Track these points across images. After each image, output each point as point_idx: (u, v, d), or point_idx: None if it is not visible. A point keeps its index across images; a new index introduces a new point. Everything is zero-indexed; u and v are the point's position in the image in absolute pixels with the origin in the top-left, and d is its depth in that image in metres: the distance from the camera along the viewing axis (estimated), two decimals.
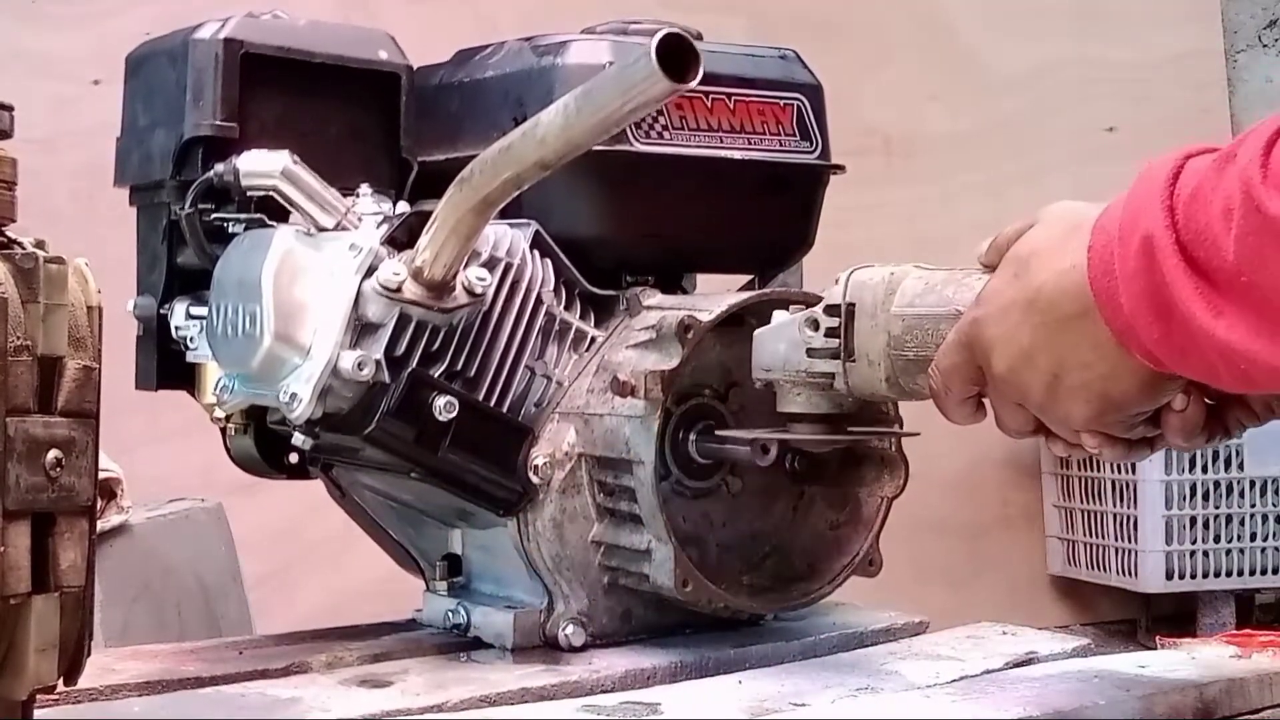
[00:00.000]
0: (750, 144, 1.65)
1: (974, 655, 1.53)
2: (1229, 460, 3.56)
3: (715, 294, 1.61)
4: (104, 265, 1.17)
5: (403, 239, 1.46)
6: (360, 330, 1.43)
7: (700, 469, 1.55)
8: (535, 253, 1.55)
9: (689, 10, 2.20)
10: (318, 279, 1.44)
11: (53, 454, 1.06)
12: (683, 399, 1.53)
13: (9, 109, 1.11)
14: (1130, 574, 3.59)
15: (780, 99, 1.67)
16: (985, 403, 1.23)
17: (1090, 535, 3.69)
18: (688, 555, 1.49)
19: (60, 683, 1.12)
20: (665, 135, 1.59)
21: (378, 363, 1.42)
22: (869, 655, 1.56)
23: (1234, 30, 4.13)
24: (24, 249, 1.08)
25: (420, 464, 1.47)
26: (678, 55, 1.17)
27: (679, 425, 1.53)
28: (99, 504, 1.24)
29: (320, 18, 1.69)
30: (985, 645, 1.57)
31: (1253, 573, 3.60)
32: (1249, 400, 1.16)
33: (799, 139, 1.68)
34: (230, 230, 1.52)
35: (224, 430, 1.63)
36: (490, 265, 1.50)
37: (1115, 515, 3.60)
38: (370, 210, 1.50)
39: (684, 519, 1.54)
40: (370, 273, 1.43)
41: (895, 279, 1.31)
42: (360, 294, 1.43)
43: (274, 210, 1.50)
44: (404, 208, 1.54)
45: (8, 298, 1.04)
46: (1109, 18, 3.95)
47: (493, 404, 1.50)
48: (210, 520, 2.68)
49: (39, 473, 1.05)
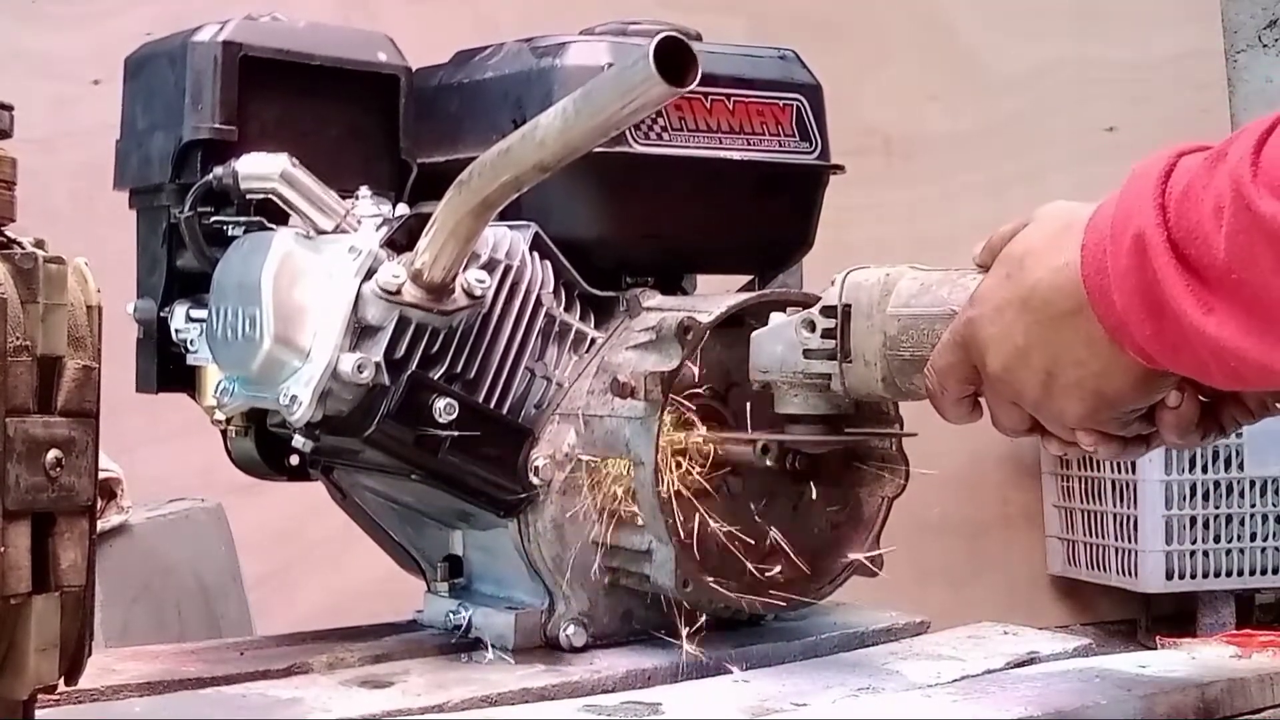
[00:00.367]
0: (749, 144, 1.65)
1: (975, 655, 1.53)
2: (1229, 460, 3.56)
3: (715, 295, 1.61)
4: (104, 265, 1.17)
5: (402, 241, 1.46)
6: (360, 333, 1.43)
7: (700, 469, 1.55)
8: (535, 254, 1.55)
9: (689, 10, 2.21)
10: (317, 282, 1.44)
11: (53, 454, 1.06)
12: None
13: (9, 109, 1.11)
14: (1130, 574, 3.59)
15: (779, 99, 1.67)
16: (981, 402, 1.23)
17: (1090, 535, 3.69)
18: (688, 555, 1.49)
19: (61, 683, 1.12)
20: (664, 136, 1.59)
21: (377, 365, 1.42)
22: (870, 655, 1.56)
23: (1234, 30, 4.13)
24: (24, 249, 1.08)
25: (420, 466, 1.47)
26: (676, 58, 1.17)
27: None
28: (99, 504, 1.24)
29: (320, 19, 1.69)
30: (986, 645, 1.57)
31: (1253, 573, 3.60)
32: (1244, 397, 1.16)
33: (798, 139, 1.68)
34: (230, 233, 1.52)
35: (224, 432, 1.63)
36: (490, 267, 1.50)
37: (1115, 515, 3.60)
38: (369, 212, 1.50)
39: (684, 519, 1.54)
40: (370, 275, 1.43)
41: (891, 280, 1.31)
42: (360, 296, 1.43)
43: (273, 213, 1.50)
44: (403, 210, 1.54)
45: (7, 298, 1.04)
46: (1109, 18, 3.94)
47: (493, 406, 1.50)
48: (210, 520, 2.68)
49: (39, 473, 1.05)
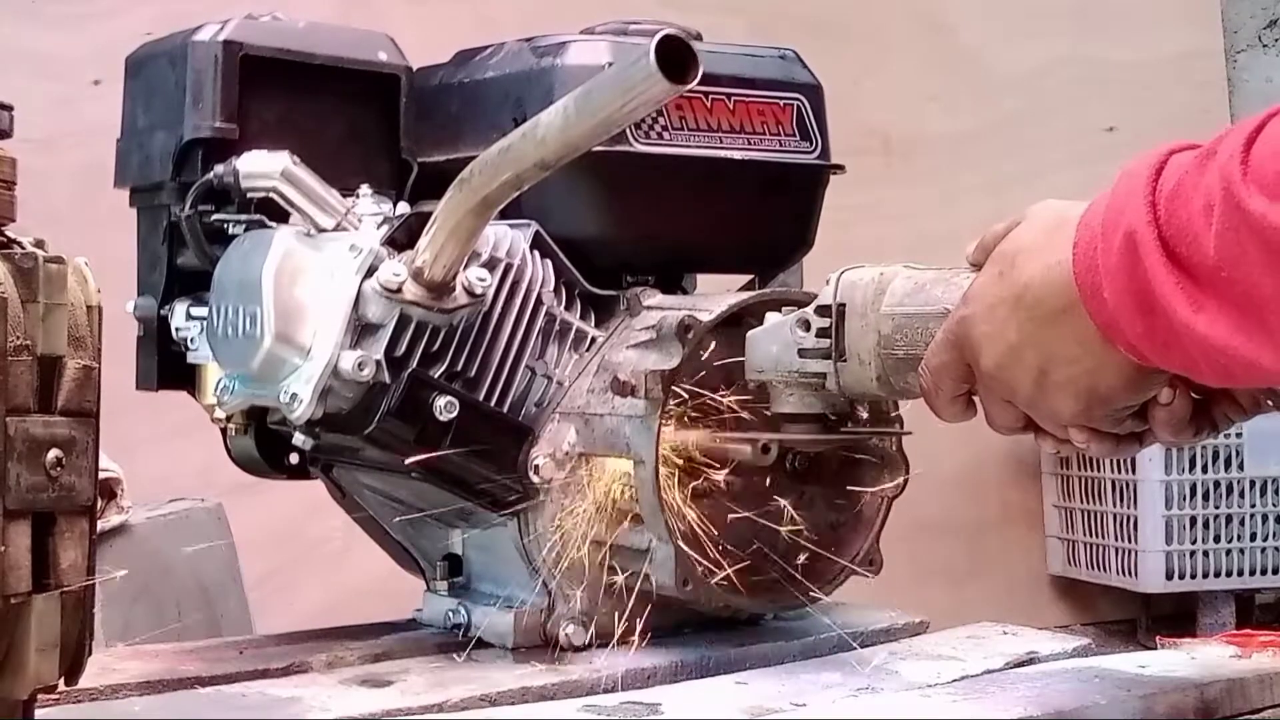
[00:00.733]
0: (750, 144, 1.65)
1: (974, 655, 1.53)
2: (1229, 460, 3.56)
3: (715, 294, 1.61)
4: (104, 265, 1.17)
5: (403, 240, 1.46)
6: (360, 331, 1.43)
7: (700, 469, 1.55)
8: (535, 253, 1.55)
9: (689, 10, 2.20)
10: (318, 280, 1.44)
11: (53, 453, 1.06)
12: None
13: (9, 109, 1.11)
14: (1130, 574, 3.59)
15: (780, 99, 1.67)
16: (975, 400, 1.23)
17: (1090, 535, 3.69)
18: (688, 555, 1.49)
19: (61, 682, 1.12)
20: (665, 136, 1.59)
21: (378, 363, 1.42)
22: (869, 655, 1.56)
23: (1234, 30, 4.13)
24: (24, 249, 1.08)
25: (420, 464, 1.47)
26: (677, 56, 1.17)
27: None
28: (99, 504, 1.23)
29: (322, 18, 1.69)
30: (986, 645, 1.57)
31: (1253, 573, 3.60)
32: (1236, 394, 1.16)
33: (799, 139, 1.68)
34: (230, 231, 1.52)
35: (224, 431, 1.63)
36: (490, 266, 1.50)
37: (1115, 515, 3.60)
38: (370, 211, 1.50)
39: (684, 519, 1.54)
40: (370, 273, 1.43)
41: (885, 279, 1.32)
42: (360, 294, 1.43)
43: (274, 211, 1.50)
44: (404, 208, 1.54)
45: (8, 298, 1.04)
46: (1109, 18, 3.95)
47: (493, 404, 1.50)
48: (210, 520, 2.68)
49: (39, 472, 1.05)
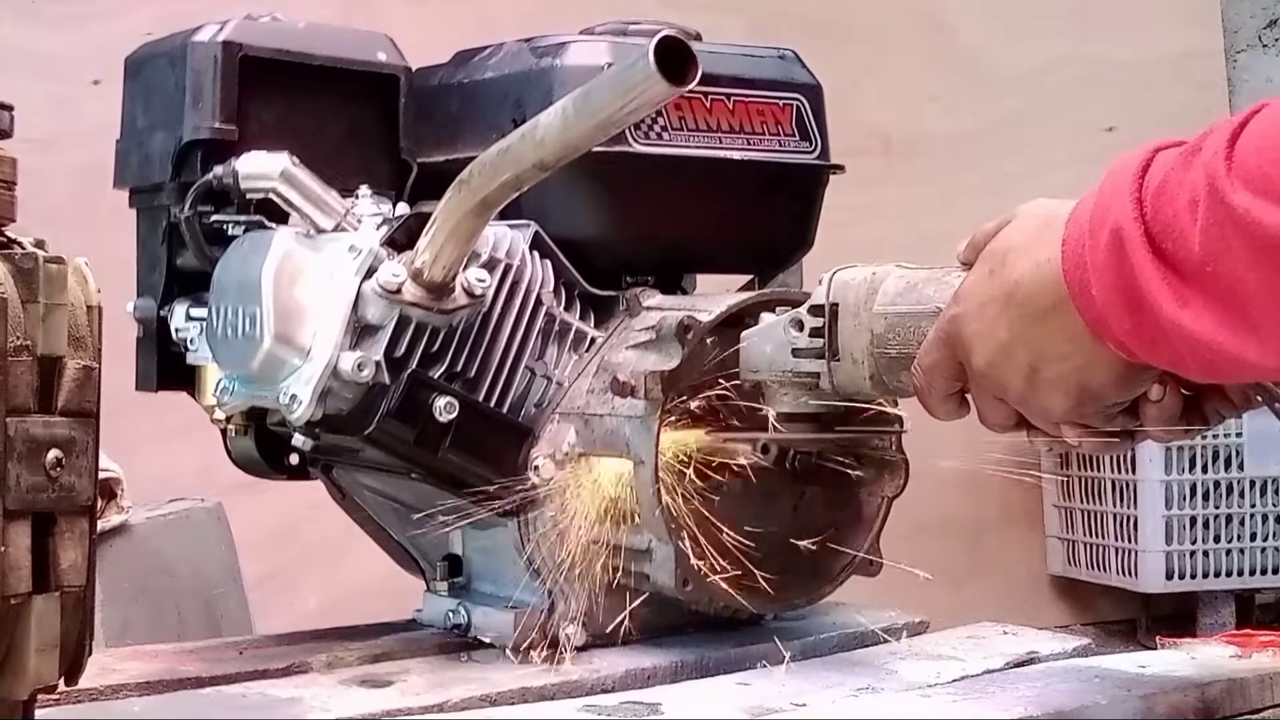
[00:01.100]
0: (750, 144, 1.65)
1: (975, 655, 1.53)
2: (1229, 460, 3.56)
3: (715, 294, 1.61)
4: (104, 265, 1.17)
5: (402, 240, 1.46)
6: (360, 332, 1.43)
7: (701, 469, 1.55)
8: (535, 254, 1.55)
9: (688, 10, 2.21)
10: (317, 280, 1.44)
11: (53, 454, 1.06)
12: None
13: (9, 109, 1.11)
14: (1130, 574, 3.59)
15: (779, 99, 1.67)
16: (968, 398, 1.23)
17: (1090, 535, 3.69)
18: (687, 555, 1.49)
19: (61, 682, 1.12)
20: (664, 136, 1.59)
21: (378, 364, 1.42)
22: (869, 655, 1.56)
23: (1234, 30, 4.13)
24: (24, 249, 1.08)
25: (420, 465, 1.47)
26: (676, 57, 1.17)
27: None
28: (99, 504, 1.24)
29: (322, 19, 1.69)
30: (986, 645, 1.57)
31: (1253, 573, 3.60)
32: (1226, 390, 1.17)
33: (798, 139, 1.68)
34: (230, 232, 1.52)
35: (224, 431, 1.63)
36: (490, 266, 1.50)
37: (1115, 515, 3.60)
38: (370, 212, 1.50)
39: (684, 519, 1.54)
40: (370, 274, 1.43)
41: (877, 278, 1.32)
42: (360, 295, 1.43)
43: (273, 212, 1.50)
44: (403, 209, 1.54)
45: (8, 298, 1.04)
46: (1109, 18, 3.94)
47: (493, 405, 1.50)
48: (210, 520, 2.68)
49: (39, 472, 1.06)
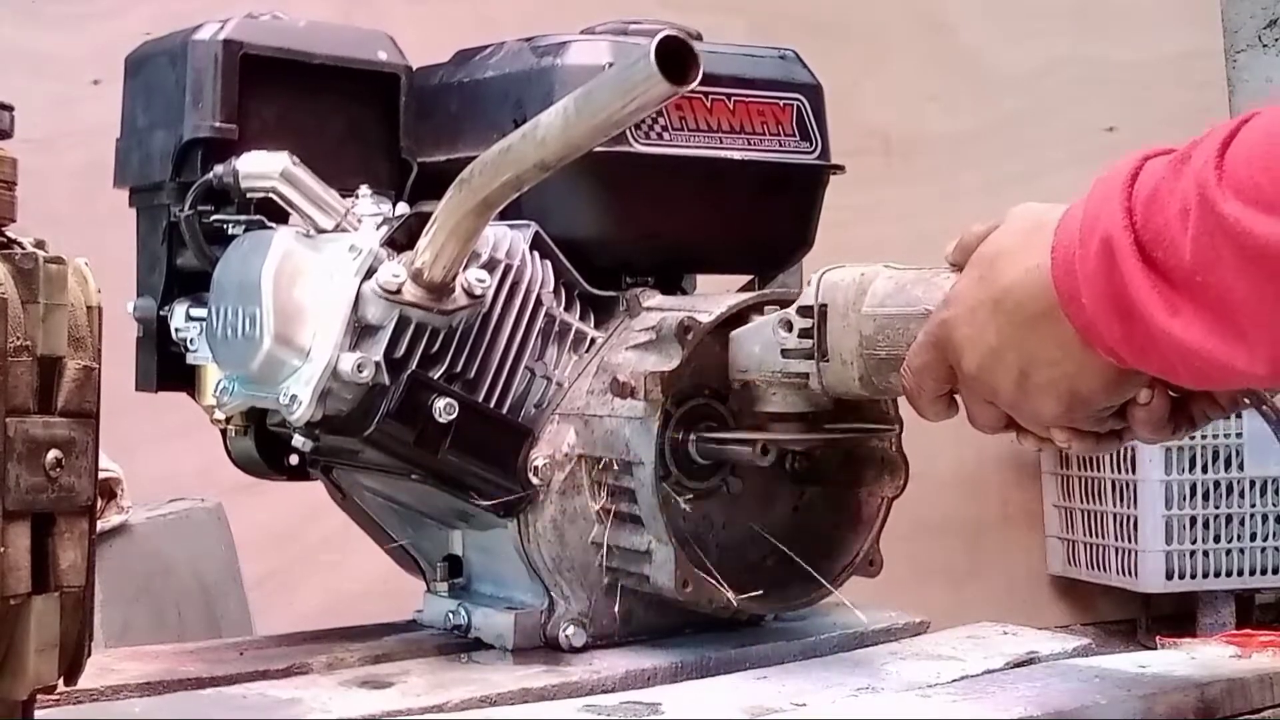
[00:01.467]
0: (750, 144, 1.65)
1: (975, 655, 1.53)
2: (1229, 460, 3.56)
3: (715, 295, 1.61)
4: (104, 265, 1.17)
5: (402, 240, 1.46)
6: (360, 332, 1.43)
7: (700, 470, 1.55)
8: (535, 254, 1.55)
9: (689, 10, 2.21)
10: (317, 281, 1.44)
11: (53, 454, 1.06)
12: (682, 400, 1.53)
13: (9, 109, 1.11)
14: (1130, 574, 3.59)
15: (780, 99, 1.67)
16: (957, 399, 1.24)
17: (1090, 535, 3.69)
18: (688, 556, 1.49)
19: (60, 683, 1.12)
20: (665, 136, 1.59)
21: (377, 365, 1.42)
22: (869, 655, 1.56)
23: (1234, 30, 4.13)
24: (24, 249, 1.08)
25: (420, 466, 1.47)
26: (677, 57, 1.17)
27: (679, 426, 1.53)
28: (99, 504, 1.23)
29: (323, 18, 1.69)
30: (986, 645, 1.57)
31: (1253, 573, 3.60)
32: (1214, 393, 1.18)
33: (799, 139, 1.68)
34: (230, 232, 1.52)
35: (224, 432, 1.63)
36: (490, 267, 1.50)
37: (1115, 515, 3.60)
38: (370, 211, 1.49)
39: (684, 519, 1.54)
40: (370, 274, 1.43)
41: (866, 279, 1.33)
42: (360, 296, 1.43)
43: (273, 212, 1.50)
44: (404, 209, 1.53)
45: (8, 298, 1.04)
46: (1109, 18, 3.95)
47: (493, 405, 1.50)
48: (210, 520, 2.68)
49: (39, 473, 1.05)
